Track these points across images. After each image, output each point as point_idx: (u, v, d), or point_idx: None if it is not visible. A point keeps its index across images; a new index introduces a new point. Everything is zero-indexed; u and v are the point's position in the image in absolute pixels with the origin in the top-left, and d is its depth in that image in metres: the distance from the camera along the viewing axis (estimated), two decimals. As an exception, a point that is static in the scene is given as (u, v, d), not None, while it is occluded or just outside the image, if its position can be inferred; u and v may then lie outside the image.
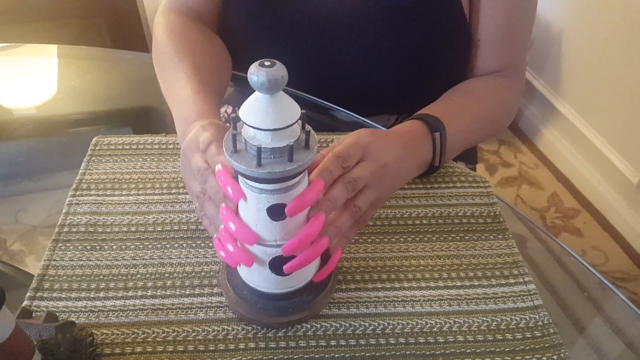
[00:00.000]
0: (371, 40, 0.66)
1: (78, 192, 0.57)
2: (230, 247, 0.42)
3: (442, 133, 0.56)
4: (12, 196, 0.64)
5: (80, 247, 0.52)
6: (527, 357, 0.44)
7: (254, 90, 0.36)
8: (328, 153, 0.47)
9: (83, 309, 0.47)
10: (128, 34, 1.60)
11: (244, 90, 0.36)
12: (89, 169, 0.60)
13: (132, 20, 1.58)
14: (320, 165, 0.43)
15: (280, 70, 0.34)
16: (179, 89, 0.57)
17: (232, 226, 0.41)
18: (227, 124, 0.52)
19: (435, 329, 0.46)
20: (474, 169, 0.84)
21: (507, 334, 0.46)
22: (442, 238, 0.54)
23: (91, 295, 0.48)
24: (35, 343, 0.37)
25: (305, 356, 0.44)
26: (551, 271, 0.55)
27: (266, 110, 0.35)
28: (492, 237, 0.55)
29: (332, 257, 0.45)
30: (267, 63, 0.34)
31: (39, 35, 1.49)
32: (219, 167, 0.41)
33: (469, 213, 0.57)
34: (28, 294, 0.47)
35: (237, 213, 0.43)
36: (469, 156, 0.85)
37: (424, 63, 0.67)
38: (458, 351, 0.44)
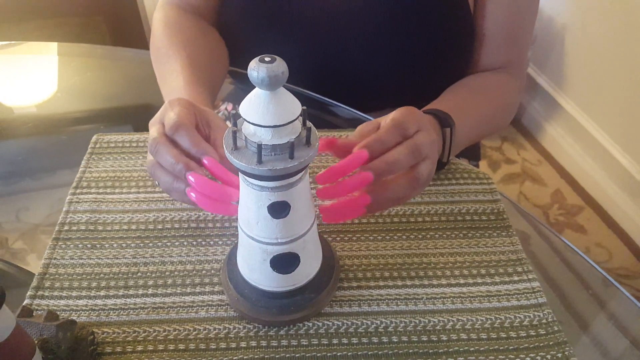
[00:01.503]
0: (373, 34, 0.66)
1: (78, 191, 0.57)
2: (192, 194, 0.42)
3: (452, 129, 0.55)
4: (14, 195, 0.64)
5: (80, 245, 0.51)
6: (531, 355, 0.44)
7: (255, 87, 0.35)
8: (360, 132, 0.46)
9: (84, 308, 0.46)
10: (128, 31, 1.60)
11: (245, 87, 0.36)
12: (89, 167, 0.60)
13: (132, 18, 1.58)
14: (374, 135, 0.41)
15: (280, 66, 0.34)
16: (171, 81, 0.57)
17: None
18: (225, 105, 0.51)
19: (438, 327, 0.45)
20: (477, 166, 0.83)
21: (511, 332, 0.45)
22: (444, 235, 0.54)
23: (92, 294, 0.47)
24: (36, 342, 0.37)
25: (307, 355, 0.43)
26: (555, 268, 0.55)
27: (267, 107, 0.35)
28: (495, 234, 0.54)
29: (357, 198, 0.42)
30: (267, 59, 0.34)
31: (39, 33, 1.49)
32: (205, 159, 0.41)
33: (472, 210, 0.56)
34: (29, 293, 0.47)
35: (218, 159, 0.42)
36: (472, 153, 0.84)
37: (427, 57, 0.67)
38: (461, 349, 0.44)
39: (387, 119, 0.46)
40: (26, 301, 0.47)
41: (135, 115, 0.78)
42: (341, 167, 0.39)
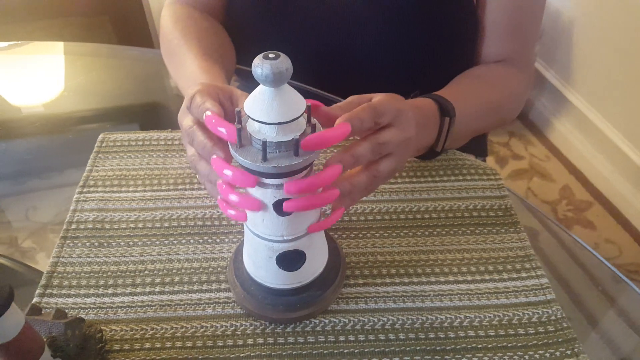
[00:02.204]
0: (378, 29, 0.65)
1: (85, 189, 0.57)
2: (233, 197, 0.40)
3: (452, 119, 0.55)
4: (23, 194, 0.64)
5: (88, 244, 0.52)
6: (540, 351, 0.44)
7: (259, 84, 0.35)
8: (344, 103, 0.45)
9: (92, 306, 0.46)
10: (133, 30, 1.60)
11: (250, 84, 0.35)
12: (96, 166, 0.60)
13: (138, 17, 1.58)
14: (353, 111, 0.40)
15: (284, 63, 0.34)
16: (186, 67, 0.57)
17: (228, 173, 0.38)
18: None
19: (445, 324, 0.45)
20: (484, 162, 0.83)
21: (519, 329, 0.45)
22: (452, 232, 0.53)
23: (100, 292, 0.48)
24: (44, 340, 0.37)
25: (314, 352, 0.43)
26: (564, 264, 0.54)
27: (271, 104, 0.35)
28: (503, 230, 0.54)
29: (332, 214, 0.43)
30: (271, 55, 0.34)
31: (46, 33, 1.50)
32: (207, 113, 0.39)
33: (480, 206, 0.56)
34: (37, 291, 0.47)
35: (229, 159, 0.40)
36: (479, 149, 0.84)
37: (431, 52, 0.67)
38: (469, 346, 0.44)
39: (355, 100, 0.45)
40: (35, 299, 0.47)
41: (141, 114, 0.78)
42: (325, 138, 0.37)
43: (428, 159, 0.59)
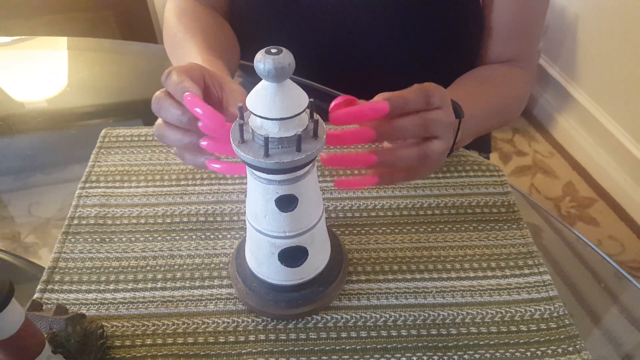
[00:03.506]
0: (383, 26, 0.65)
1: (87, 185, 0.57)
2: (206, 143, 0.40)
3: (461, 121, 0.54)
4: (26, 189, 0.64)
5: (90, 239, 0.52)
6: (542, 348, 0.43)
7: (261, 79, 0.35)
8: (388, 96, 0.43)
9: (93, 302, 0.47)
10: (137, 25, 1.60)
11: (254, 79, 0.35)
12: (98, 161, 0.60)
13: (141, 12, 1.58)
14: (397, 92, 0.39)
15: (287, 58, 0.33)
16: (190, 61, 0.57)
17: (198, 111, 0.38)
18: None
19: (447, 321, 0.45)
20: (488, 158, 0.83)
21: (522, 326, 0.45)
22: (454, 228, 0.53)
23: (101, 288, 0.48)
24: (45, 336, 0.37)
25: (316, 348, 0.43)
26: (566, 261, 0.54)
27: (273, 99, 0.35)
28: (506, 227, 0.54)
29: (364, 177, 0.41)
30: (273, 50, 0.33)
31: (49, 28, 1.50)
32: (187, 95, 0.38)
33: (483, 203, 0.56)
34: (39, 287, 0.48)
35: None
36: (483, 145, 0.83)
37: (436, 50, 0.66)
38: (471, 343, 0.44)
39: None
40: (36, 295, 0.47)
41: (144, 109, 0.78)
42: (359, 111, 0.37)
43: None
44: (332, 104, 0.40)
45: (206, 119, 0.38)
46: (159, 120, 0.44)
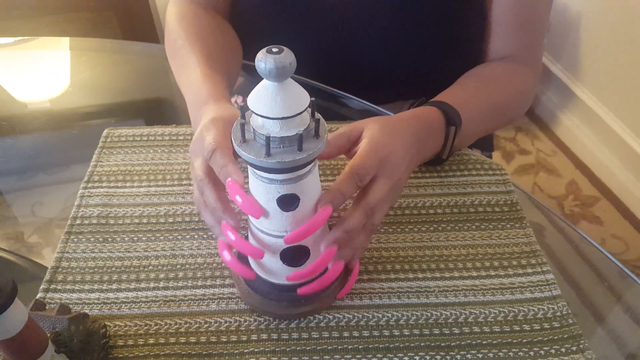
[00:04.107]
0: (385, 25, 0.65)
1: (90, 185, 0.57)
2: (226, 256, 0.43)
3: (458, 128, 0.54)
4: (29, 189, 0.64)
5: (92, 239, 0.52)
6: (546, 348, 0.43)
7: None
8: (335, 139, 0.46)
9: (96, 301, 0.47)
10: (139, 26, 1.60)
11: (256, 79, 0.35)
12: (100, 161, 0.60)
13: (143, 12, 1.58)
14: (333, 186, 0.42)
15: (288, 57, 0.33)
16: (189, 73, 0.57)
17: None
18: (235, 97, 0.51)
19: (450, 320, 0.45)
20: (490, 157, 0.82)
21: (525, 325, 0.45)
22: (457, 227, 0.53)
23: (104, 287, 0.48)
24: (48, 335, 0.37)
25: (318, 347, 0.43)
26: (570, 260, 0.54)
27: (274, 99, 0.35)
28: (509, 226, 0.53)
29: (352, 272, 0.46)
30: (274, 49, 0.33)
31: (51, 29, 1.50)
32: (229, 180, 0.40)
33: (485, 202, 0.56)
34: (42, 287, 0.48)
35: (237, 226, 0.42)
36: (485, 144, 0.83)
37: (439, 46, 0.66)
38: (474, 342, 0.43)
39: (344, 133, 0.47)
40: (39, 295, 0.47)
41: (146, 109, 0.78)
42: (308, 229, 0.40)
43: (434, 165, 0.59)
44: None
45: (244, 209, 0.40)
46: (198, 195, 0.46)
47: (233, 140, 0.37)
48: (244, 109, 0.37)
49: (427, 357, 0.43)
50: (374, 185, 0.45)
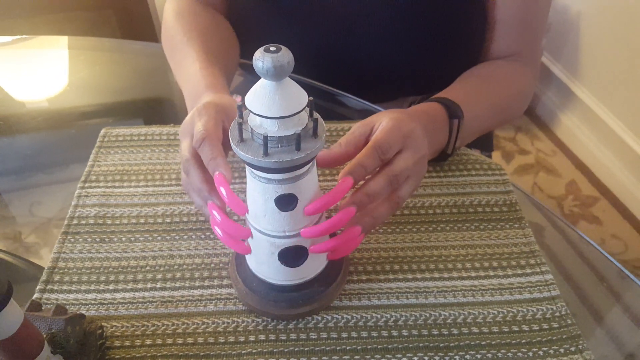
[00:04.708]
0: (384, 23, 0.65)
1: (87, 184, 0.57)
2: (218, 231, 0.43)
3: (461, 120, 0.54)
4: (26, 189, 0.64)
5: (89, 239, 0.52)
6: (544, 348, 0.43)
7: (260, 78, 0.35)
8: (346, 141, 0.46)
9: (93, 302, 0.46)
10: (137, 24, 1.60)
11: (254, 78, 0.35)
12: (98, 161, 0.60)
13: (141, 11, 1.58)
14: (355, 159, 0.42)
15: (286, 56, 0.33)
16: (187, 67, 0.57)
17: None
18: (234, 97, 0.51)
19: (449, 321, 0.45)
20: (490, 157, 0.82)
21: (524, 325, 0.45)
22: (456, 227, 0.53)
23: (101, 288, 0.47)
24: (44, 336, 0.37)
25: (316, 348, 0.43)
26: (569, 260, 0.54)
27: (272, 98, 0.35)
28: (508, 226, 0.53)
29: (350, 231, 0.43)
30: (272, 48, 0.33)
31: (50, 28, 1.50)
32: (216, 173, 0.41)
33: (484, 202, 0.56)
34: (38, 287, 0.47)
35: (223, 207, 0.42)
36: (485, 144, 0.83)
37: (438, 46, 0.66)
38: (473, 343, 0.43)
39: (372, 135, 0.46)
40: (35, 295, 0.47)
41: (144, 108, 0.78)
42: (329, 200, 0.40)
43: (439, 162, 0.59)
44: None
45: (229, 205, 0.40)
46: (185, 176, 0.47)
47: (231, 140, 0.37)
48: (242, 107, 0.37)
49: (426, 358, 0.42)
50: (398, 156, 0.44)
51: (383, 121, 0.46)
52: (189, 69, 0.57)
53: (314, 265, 0.45)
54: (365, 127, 0.47)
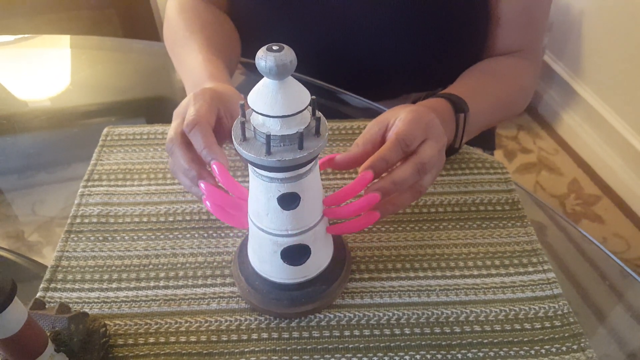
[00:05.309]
0: (386, 21, 0.65)
1: (90, 183, 0.57)
2: (209, 205, 0.44)
3: (466, 114, 0.55)
4: (29, 188, 0.64)
5: (92, 238, 0.52)
6: (546, 346, 0.43)
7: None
8: (363, 140, 0.46)
9: (96, 300, 0.46)
10: (139, 23, 1.60)
11: (257, 77, 0.35)
12: (100, 160, 0.60)
13: (144, 10, 1.58)
14: (377, 154, 0.42)
15: (288, 55, 0.33)
16: (190, 60, 0.57)
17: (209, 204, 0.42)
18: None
19: (451, 319, 0.45)
20: (492, 156, 0.82)
21: (526, 324, 0.45)
22: (458, 226, 0.53)
23: (104, 286, 0.48)
24: (48, 334, 0.37)
25: (319, 346, 0.43)
26: (571, 259, 0.54)
27: (275, 97, 0.35)
28: (510, 224, 0.53)
29: (367, 216, 0.44)
30: (275, 47, 0.33)
31: (52, 27, 1.50)
32: (213, 165, 0.41)
33: (487, 200, 0.56)
34: (41, 286, 0.48)
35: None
36: (487, 142, 0.83)
37: (441, 41, 0.66)
38: (475, 341, 0.43)
39: (393, 128, 0.46)
40: (39, 294, 0.47)
41: (146, 107, 0.78)
42: (348, 191, 0.40)
43: (447, 156, 0.59)
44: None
45: (229, 189, 0.41)
46: (170, 160, 0.47)
47: (233, 139, 0.37)
48: (244, 106, 0.37)
49: (428, 356, 0.42)
50: (423, 145, 0.45)
51: (401, 114, 0.46)
52: (192, 62, 0.57)
53: (317, 264, 0.45)
54: (379, 124, 0.47)
